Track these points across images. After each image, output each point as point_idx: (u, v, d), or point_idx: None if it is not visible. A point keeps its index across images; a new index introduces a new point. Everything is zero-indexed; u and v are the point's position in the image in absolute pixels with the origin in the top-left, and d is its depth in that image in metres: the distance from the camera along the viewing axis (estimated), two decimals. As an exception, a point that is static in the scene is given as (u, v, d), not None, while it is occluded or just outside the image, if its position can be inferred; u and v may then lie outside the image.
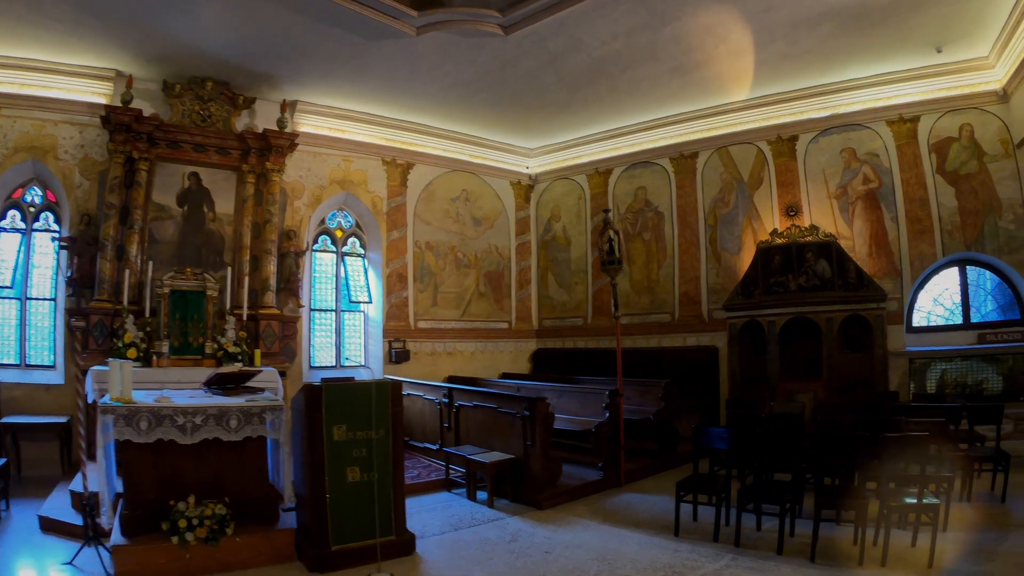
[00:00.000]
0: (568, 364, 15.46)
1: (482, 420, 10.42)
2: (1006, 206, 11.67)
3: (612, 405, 10.51)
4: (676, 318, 14.53)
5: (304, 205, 13.49)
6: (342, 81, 12.64)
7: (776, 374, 12.33)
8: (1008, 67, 11.12)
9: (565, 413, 11.48)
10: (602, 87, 12.93)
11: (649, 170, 15.12)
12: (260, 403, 7.15)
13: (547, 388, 12.37)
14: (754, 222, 13.69)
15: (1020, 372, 11.20)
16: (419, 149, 15.00)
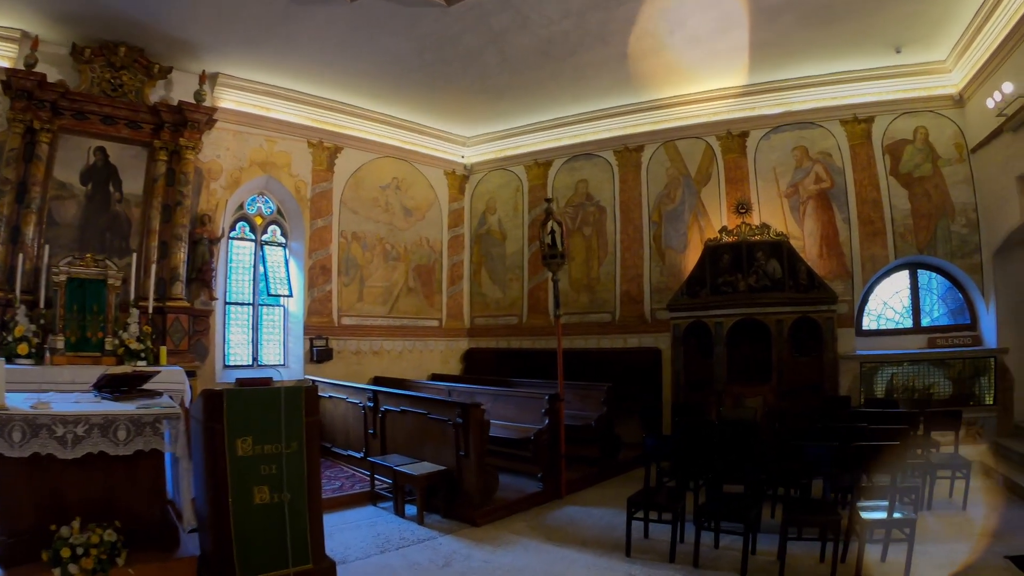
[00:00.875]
0: (501, 365, 14.28)
1: (411, 427, 9.31)
2: (959, 210, 11.20)
3: (552, 411, 9.47)
4: (617, 318, 13.51)
5: (221, 188, 11.87)
6: (268, 53, 11.16)
7: (723, 378, 11.42)
8: (965, 72, 10.80)
9: (501, 419, 10.32)
10: (546, 72, 11.83)
11: (591, 163, 14.10)
12: (154, 411, 5.71)
13: (481, 392, 11.14)
14: (701, 219, 12.82)
15: (969, 376, 10.82)
16: (349, 132, 13.57)
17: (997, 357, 10.69)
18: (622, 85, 12.38)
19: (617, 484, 9.92)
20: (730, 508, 6.54)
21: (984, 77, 10.31)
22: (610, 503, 8.65)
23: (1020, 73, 9.16)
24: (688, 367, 11.97)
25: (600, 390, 10.96)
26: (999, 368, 10.68)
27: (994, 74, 9.98)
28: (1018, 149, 9.72)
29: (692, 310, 11.91)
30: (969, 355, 10.89)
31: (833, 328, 11.19)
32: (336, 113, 13.32)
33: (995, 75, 9.93)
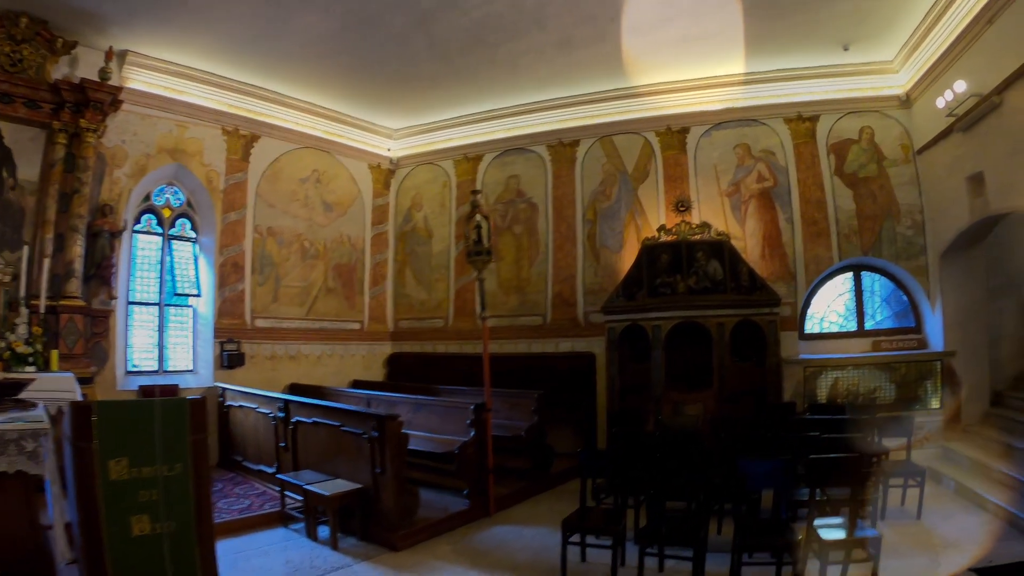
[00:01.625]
0: (427, 371, 13.00)
1: (324, 440, 8.18)
2: (905, 212, 10.62)
3: (478, 422, 8.43)
4: (548, 321, 12.41)
5: (126, 176, 10.34)
6: (181, 30, 9.80)
7: (661, 384, 10.43)
8: (913, 73, 10.35)
9: (424, 430, 9.23)
10: (479, 59, 10.74)
11: (524, 157, 13.00)
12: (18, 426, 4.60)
13: (403, 400, 9.99)
14: (638, 218, 11.87)
15: (913, 380, 10.26)
16: (267, 120, 12.15)
17: (943, 360, 10.14)
18: (559, 76, 11.40)
19: (551, 499, 9.09)
20: (676, 529, 5.82)
21: (932, 79, 9.88)
22: (543, 521, 7.79)
23: (972, 73, 8.70)
24: (624, 373, 10.96)
25: (530, 398, 9.88)
26: (946, 371, 10.12)
27: (942, 76, 9.61)
28: (968, 150, 9.27)
29: (628, 313, 10.91)
30: (915, 358, 10.33)
31: (776, 332, 10.39)
32: (253, 99, 11.90)
33: (943, 76, 9.57)
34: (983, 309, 10.26)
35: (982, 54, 8.59)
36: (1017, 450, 8.25)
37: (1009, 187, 8.43)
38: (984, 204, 9.10)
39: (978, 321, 10.18)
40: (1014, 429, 8.94)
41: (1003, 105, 8.27)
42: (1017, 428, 8.90)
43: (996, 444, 8.88)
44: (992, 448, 8.86)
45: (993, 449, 8.81)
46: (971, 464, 8.84)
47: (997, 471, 8.05)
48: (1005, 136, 8.31)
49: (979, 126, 8.87)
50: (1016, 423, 9.06)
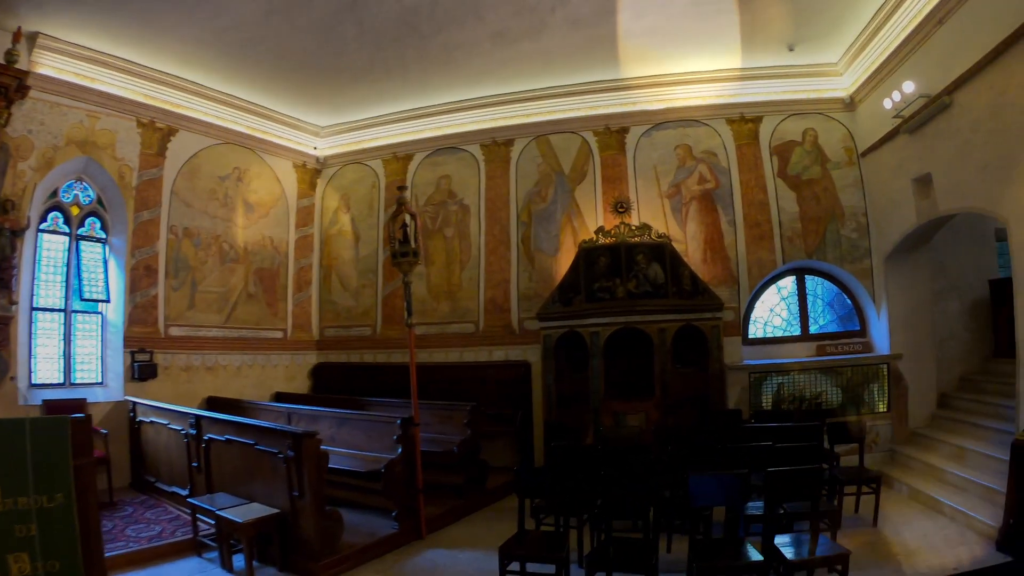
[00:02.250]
0: (354, 382, 11.89)
1: (238, 460, 7.21)
2: (848, 214, 10.17)
3: (406, 438, 7.50)
4: (481, 328, 11.45)
5: (31, 169, 8.99)
6: (97, 12, 8.64)
7: (601, 393, 9.60)
8: (857, 76, 10.09)
9: (348, 447, 8.24)
10: (411, 50, 9.83)
11: (456, 157, 12.09)
12: None
13: (326, 415, 8.89)
14: (575, 220, 11.09)
15: (858, 384, 9.71)
16: (185, 112, 10.93)
17: (890, 363, 9.65)
18: (495, 71, 10.58)
19: (487, 517, 8.33)
20: (625, 554, 5.16)
21: (877, 81, 9.59)
22: (481, 543, 7.08)
23: (921, 74, 8.37)
24: (561, 382, 10.09)
25: (463, 410, 8.97)
26: (892, 374, 9.62)
27: (888, 78, 9.25)
28: (914, 151, 8.91)
29: (565, 319, 10.07)
30: (861, 362, 9.79)
31: (719, 337, 9.75)
32: (172, 89, 10.67)
33: (889, 79, 9.19)
34: (928, 311, 9.88)
35: (931, 55, 8.26)
36: (970, 452, 7.95)
37: (958, 188, 8.10)
38: (932, 206, 8.73)
39: (923, 323, 9.80)
40: (963, 431, 8.57)
41: (953, 106, 7.92)
42: (966, 430, 8.54)
43: (947, 446, 8.49)
44: (944, 451, 8.54)
45: (945, 452, 8.50)
46: (923, 467, 8.51)
47: (951, 474, 7.79)
48: (954, 137, 8.00)
49: (927, 127, 8.54)
50: (964, 424, 8.72)
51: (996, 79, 7.11)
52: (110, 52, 9.75)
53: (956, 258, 10.12)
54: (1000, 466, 7.00)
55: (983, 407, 8.80)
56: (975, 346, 9.94)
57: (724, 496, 5.36)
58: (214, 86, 11.09)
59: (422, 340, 11.13)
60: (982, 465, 7.54)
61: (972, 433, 8.36)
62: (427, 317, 11.54)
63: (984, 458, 7.60)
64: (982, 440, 8.00)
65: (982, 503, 6.96)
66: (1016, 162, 7.00)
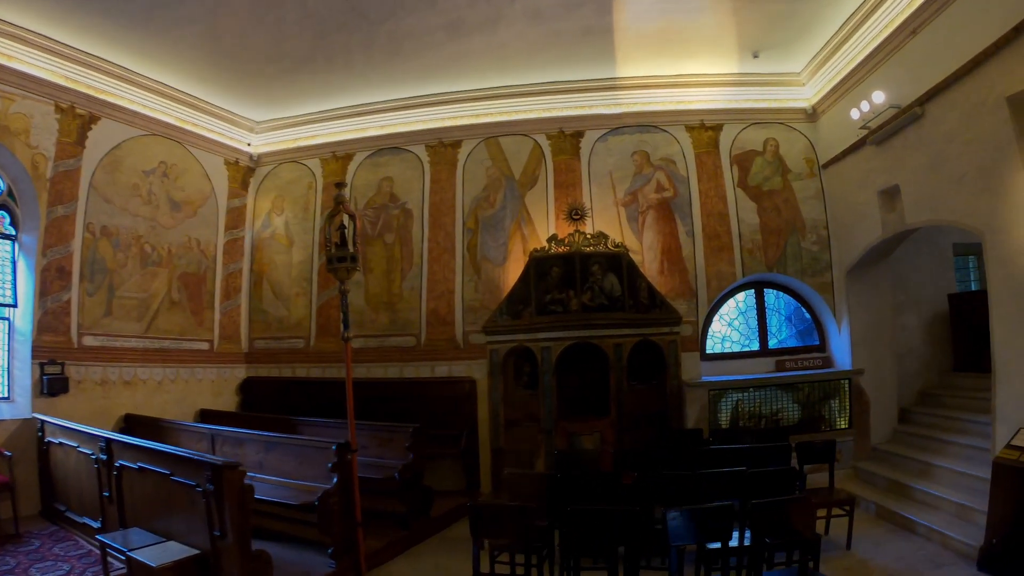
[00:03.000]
0: (287, 398, 10.63)
1: (154, 490, 6.05)
2: (810, 227, 9.62)
3: (342, 465, 6.46)
4: (423, 342, 10.37)
5: None
6: None
7: (553, 412, 8.73)
8: (820, 87, 9.70)
9: (278, 474, 7.16)
10: (356, 38, 8.81)
11: (399, 158, 11.00)
12: None
13: (254, 438, 7.70)
14: (525, 228, 10.18)
15: (817, 400, 9.17)
16: (110, 99, 9.56)
17: (852, 379, 9.13)
18: (445, 67, 9.62)
19: (434, 549, 7.37)
20: None
21: (841, 93, 9.18)
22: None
23: (890, 85, 7.93)
24: (509, 400, 9.20)
25: (404, 432, 7.89)
26: (854, 390, 9.10)
27: (854, 88, 8.79)
28: (880, 163, 8.46)
29: (514, 333, 9.17)
30: (823, 378, 9.23)
31: (677, 352, 9.05)
32: (96, 72, 9.28)
33: (856, 89, 8.73)
34: (889, 325, 9.43)
35: (902, 66, 7.82)
36: (938, 468, 7.58)
37: (929, 200, 7.63)
38: (899, 218, 8.25)
39: (884, 338, 9.33)
40: (928, 447, 8.17)
41: (925, 117, 7.50)
42: (931, 445, 8.13)
43: (913, 463, 8.07)
44: (909, 467, 8.12)
45: (910, 468, 8.08)
46: (889, 484, 8.05)
47: (920, 491, 7.41)
48: (926, 148, 7.57)
49: (895, 139, 8.10)
50: (928, 440, 8.29)
51: (973, 89, 6.73)
52: (28, 27, 8.34)
53: (914, 272, 9.73)
54: (971, 483, 6.81)
55: (946, 422, 8.37)
56: (933, 360, 9.57)
57: (707, 533, 4.72)
58: (142, 71, 9.74)
59: (359, 354, 10.03)
60: (952, 482, 7.20)
61: (938, 449, 7.98)
62: (365, 329, 10.44)
63: (954, 475, 7.26)
64: (949, 456, 7.65)
65: (957, 521, 6.61)
66: (994, 174, 6.58)
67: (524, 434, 8.78)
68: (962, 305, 9.36)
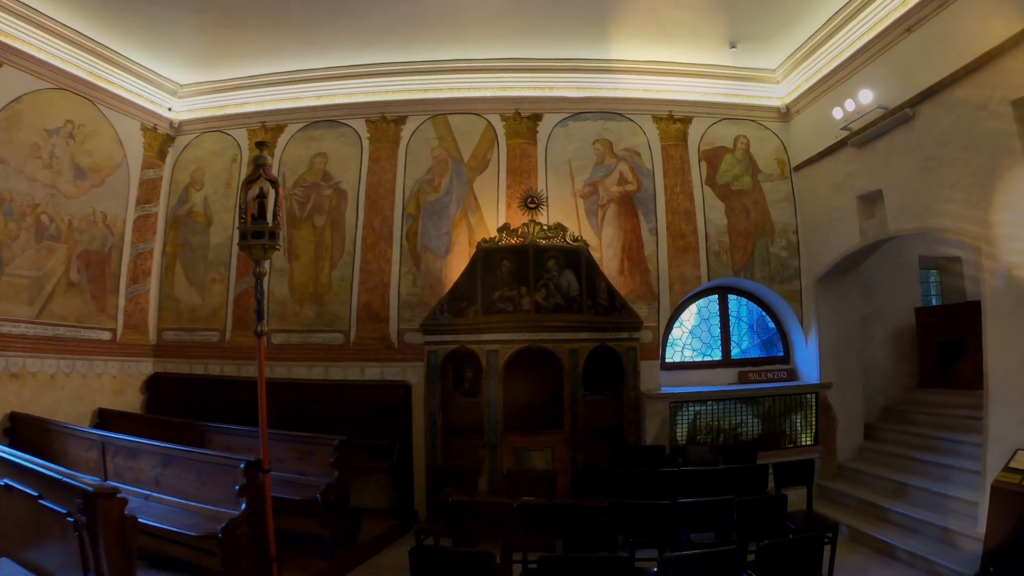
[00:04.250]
0: (198, 399, 8.80)
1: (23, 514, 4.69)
2: (779, 231, 8.66)
3: (251, 487, 5.00)
4: (352, 340, 8.78)
5: None
6: None
7: (499, 424, 7.39)
8: (797, 85, 8.68)
9: (177, 494, 5.68)
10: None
11: (336, 132, 9.39)
12: None
13: (150, 449, 6.06)
14: (472, 216, 8.80)
15: (780, 413, 8.19)
16: (12, 43, 7.60)
17: (819, 393, 8.21)
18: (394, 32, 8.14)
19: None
20: None
21: (821, 91, 8.22)
22: None
23: (878, 85, 7.10)
24: (449, 409, 7.80)
25: (328, 445, 6.37)
26: (821, 405, 8.19)
27: (835, 88, 7.93)
28: (861, 166, 7.61)
29: (456, 333, 7.77)
30: (790, 391, 8.26)
31: (636, 360, 7.87)
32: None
33: (836, 90, 7.89)
34: (857, 338, 8.57)
35: (892, 65, 7.01)
36: (914, 489, 6.88)
37: (916, 206, 6.77)
38: (879, 225, 7.38)
39: (852, 351, 8.48)
40: (899, 465, 7.48)
41: (916, 119, 6.72)
42: (902, 464, 7.44)
43: (885, 482, 7.32)
44: (881, 487, 7.36)
45: (883, 488, 7.32)
46: (861, 506, 7.23)
47: (897, 513, 6.71)
48: (915, 152, 6.76)
49: (880, 141, 7.25)
50: (897, 458, 7.61)
51: (973, 92, 5.99)
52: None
53: (878, 284, 8.97)
54: (953, 504, 6.28)
55: (916, 439, 7.69)
56: (898, 376, 8.85)
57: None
58: (53, 14, 7.81)
59: (280, 351, 8.51)
60: (932, 503, 6.55)
61: (910, 468, 7.31)
62: (287, 323, 8.83)
63: (932, 496, 6.61)
64: (924, 475, 7.02)
65: (941, 546, 5.98)
66: (993, 181, 5.79)
67: (465, 447, 7.45)
68: (928, 319, 8.62)
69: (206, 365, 9.21)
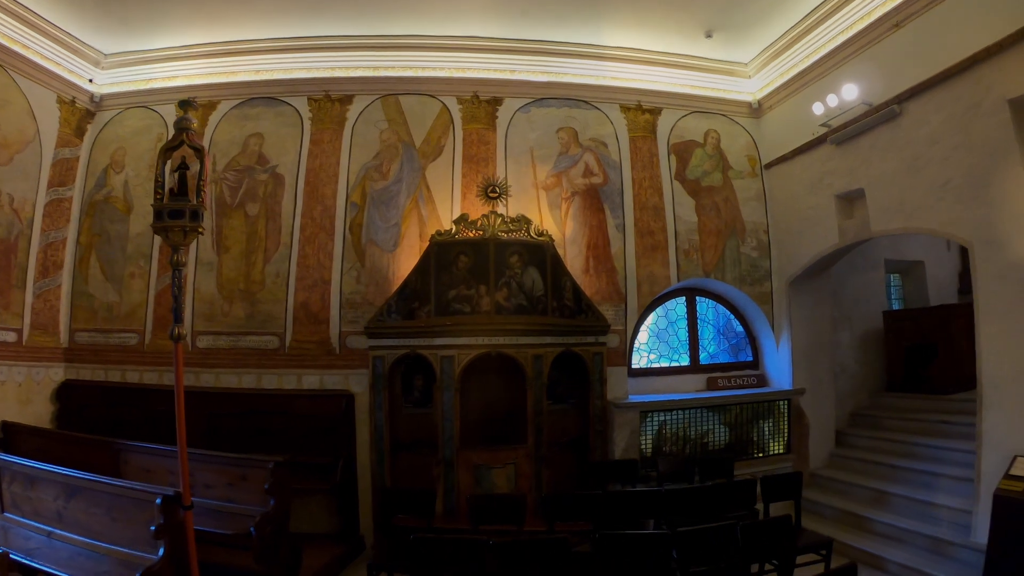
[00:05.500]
0: (116, 410, 7.30)
1: None
2: (750, 230, 7.91)
3: (169, 528, 3.95)
4: (288, 344, 7.45)
5: None
6: None
7: (455, 439, 6.34)
8: (770, 80, 7.95)
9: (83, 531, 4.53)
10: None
11: (274, 111, 8.03)
12: None
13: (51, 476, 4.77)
14: (424, 207, 7.64)
15: (747, 421, 7.44)
16: None
17: (792, 399, 7.52)
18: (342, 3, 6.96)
19: None
20: None
21: (796, 88, 7.53)
22: None
23: (862, 80, 6.48)
24: (397, 422, 6.71)
25: (263, 468, 5.18)
26: (794, 412, 7.51)
27: (810, 85, 7.25)
28: (841, 164, 6.96)
29: (405, 337, 6.66)
30: (762, 398, 7.51)
31: (602, 367, 6.93)
32: None
33: (812, 86, 7.22)
34: (828, 342, 7.92)
35: (879, 60, 6.41)
36: (894, 497, 6.35)
37: (900, 206, 6.17)
38: (860, 226, 6.74)
39: (823, 355, 7.84)
40: (875, 472, 6.93)
41: (903, 116, 6.16)
42: (878, 471, 6.90)
43: (862, 490, 6.76)
44: (859, 495, 6.79)
45: (861, 496, 6.76)
46: (840, 516, 6.63)
47: (880, 523, 6.18)
48: (902, 150, 6.19)
49: (862, 139, 6.60)
50: (871, 464, 7.06)
51: (966, 90, 5.55)
52: None
53: (846, 288, 8.35)
54: (940, 513, 5.83)
55: (890, 445, 7.18)
56: (865, 380, 8.25)
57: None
58: None
59: (207, 356, 7.22)
60: (916, 512, 6.08)
61: (887, 475, 6.80)
62: (215, 324, 7.48)
63: (916, 504, 6.14)
64: (903, 483, 6.52)
65: (933, 557, 5.51)
66: (987, 180, 5.32)
67: (416, 464, 6.39)
68: (897, 323, 8.11)
69: (124, 372, 7.71)
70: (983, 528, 5.00)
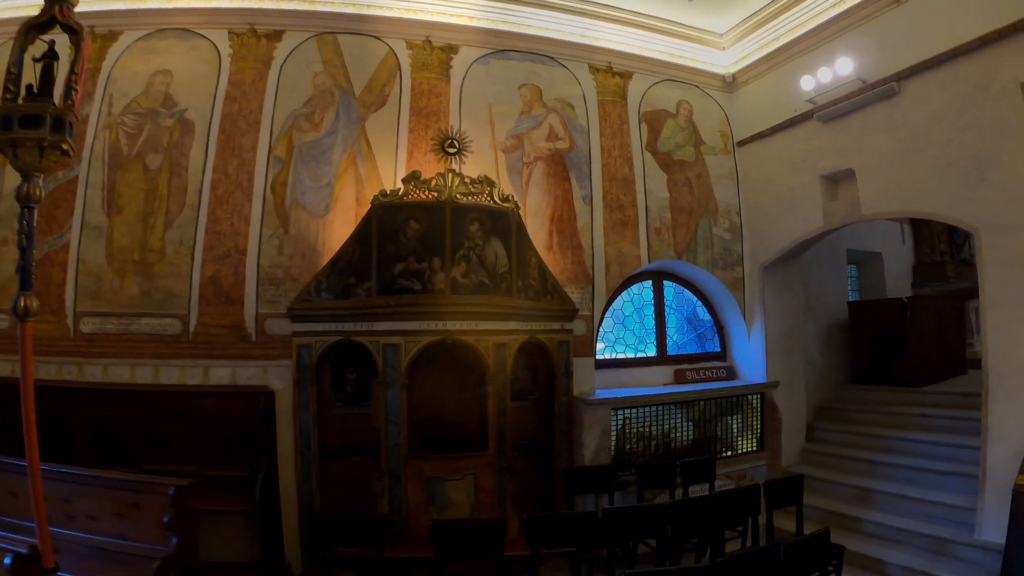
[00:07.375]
0: None
1: None
2: (722, 210, 6.92)
3: None
4: (193, 329, 5.60)
5: None
6: None
7: (402, 445, 4.92)
8: (745, 54, 6.93)
9: None
10: None
11: (187, 45, 6.11)
12: None
13: None
14: (362, 164, 6.02)
15: (713, 417, 6.40)
16: None
17: (765, 393, 6.61)
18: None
19: None
20: None
21: (777, 62, 6.54)
22: None
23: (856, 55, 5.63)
24: (328, 425, 5.24)
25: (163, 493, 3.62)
26: (767, 406, 6.59)
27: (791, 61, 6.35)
28: (828, 143, 6.07)
29: (339, 320, 5.21)
30: (735, 392, 6.50)
31: (569, 357, 5.79)
32: None
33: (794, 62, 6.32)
34: (800, 332, 7.09)
35: (876, 36, 5.61)
36: (880, 494, 5.68)
37: (897, 189, 5.44)
38: (849, 208, 5.92)
39: (795, 346, 6.99)
40: (852, 468, 6.18)
41: (902, 95, 5.42)
42: (856, 467, 6.16)
43: (844, 488, 6.01)
44: (842, 493, 6.02)
45: (844, 494, 5.99)
46: (824, 516, 5.71)
47: (872, 523, 5.48)
48: (899, 130, 5.45)
49: (853, 116, 5.80)
50: (847, 460, 6.29)
51: (974, 71, 4.94)
52: None
53: (812, 277, 7.52)
54: (938, 510, 5.23)
55: (864, 439, 6.45)
56: (829, 372, 7.50)
57: None
58: None
59: (92, 343, 5.34)
60: (910, 510, 5.44)
61: (866, 471, 6.11)
62: (103, 303, 5.53)
63: (905, 501, 5.51)
64: (885, 479, 5.89)
65: (937, 557, 4.88)
66: (993, 164, 4.77)
67: (353, 476, 4.98)
68: (863, 314, 7.55)
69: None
70: (991, 526, 4.55)
